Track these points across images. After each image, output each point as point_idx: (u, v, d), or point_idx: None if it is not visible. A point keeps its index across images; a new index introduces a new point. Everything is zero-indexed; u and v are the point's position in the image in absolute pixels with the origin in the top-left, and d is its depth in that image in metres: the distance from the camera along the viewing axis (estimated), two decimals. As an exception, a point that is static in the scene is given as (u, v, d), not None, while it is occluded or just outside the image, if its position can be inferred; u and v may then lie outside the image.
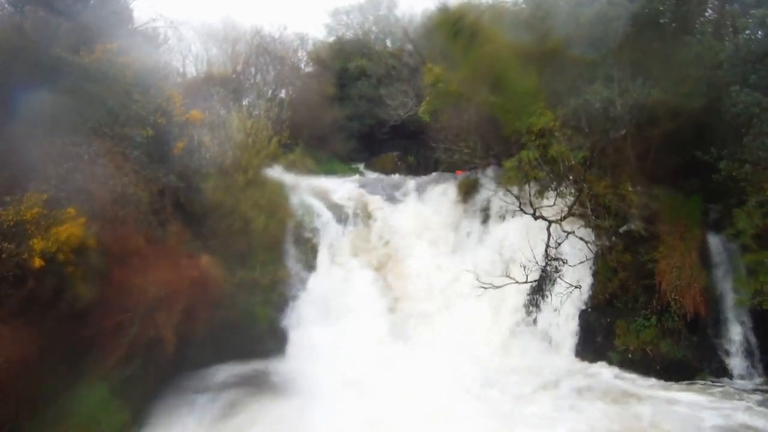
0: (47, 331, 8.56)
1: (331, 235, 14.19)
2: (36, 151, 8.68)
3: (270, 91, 14.44)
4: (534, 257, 11.70)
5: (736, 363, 11.05)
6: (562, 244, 11.97)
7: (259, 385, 10.48)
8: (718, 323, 11.34)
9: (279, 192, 13.47)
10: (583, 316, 12.14)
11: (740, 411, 9.14)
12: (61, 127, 9.10)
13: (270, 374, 10.98)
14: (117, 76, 9.97)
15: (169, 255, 10.39)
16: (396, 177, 17.47)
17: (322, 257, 13.93)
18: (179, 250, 10.63)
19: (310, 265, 13.75)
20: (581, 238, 12.00)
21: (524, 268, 11.67)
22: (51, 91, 9.26)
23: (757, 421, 8.86)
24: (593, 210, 12.10)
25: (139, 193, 10.09)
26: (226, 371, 10.69)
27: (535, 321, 12.66)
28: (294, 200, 13.99)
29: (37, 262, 8.25)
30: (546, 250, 12.19)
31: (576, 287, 11.86)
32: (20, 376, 7.87)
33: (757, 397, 9.72)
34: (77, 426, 8.03)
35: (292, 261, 13.52)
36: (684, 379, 10.57)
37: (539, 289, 12.68)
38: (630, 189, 11.72)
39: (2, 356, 7.60)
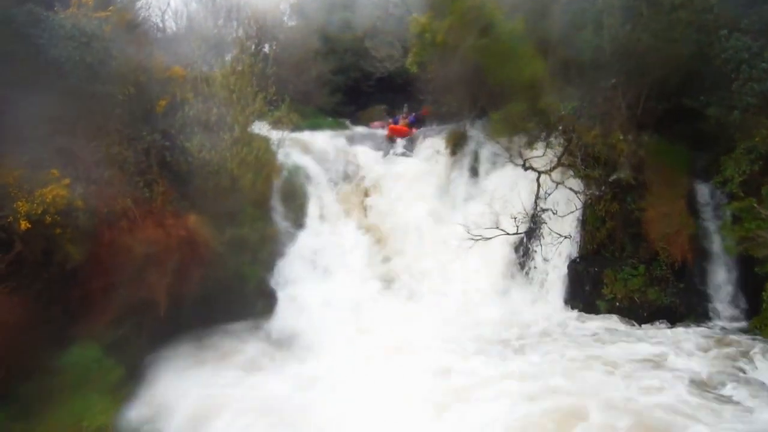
0: (37, 294, 8.56)
1: (319, 191, 14.11)
2: (12, 113, 8.46)
3: (253, 46, 14.07)
4: (523, 208, 11.77)
5: (721, 308, 11.27)
6: (551, 195, 12.01)
7: (252, 342, 10.55)
8: (704, 270, 11.51)
9: (266, 149, 13.26)
10: (572, 266, 12.25)
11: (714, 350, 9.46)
12: (38, 87, 8.85)
13: (261, 332, 11.01)
14: (95, 32, 9.64)
15: (157, 215, 10.30)
16: (383, 131, 17.30)
17: (311, 214, 13.88)
18: (167, 209, 10.52)
19: (298, 222, 13.69)
20: (570, 189, 12.05)
21: (514, 219, 11.74)
22: (25, 48, 8.97)
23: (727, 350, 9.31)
24: (582, 160, 12.09)
25: (123, 153, 9.92)
26: (218, 331, 10.69)
27: (524, 272, 12.78)
28: (281, 157, 13.82)
29: (23, 225, 8.16)
30: (535, 201, 12.24)
31: (565, 237, 11.98)
32: (13, 339, 7.88)
33: (737, 336, 10.00)
34: (71, 385, 8.09)
35: (281, 218, 13.44)
36: (671, 324, 10.77)
37: (529, 240, 12.77)
38: (620, 138, 11.68)
39: (-7, 321, 7.60)
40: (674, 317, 11.04)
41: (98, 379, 8.47)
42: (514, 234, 11.84)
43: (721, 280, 11.39)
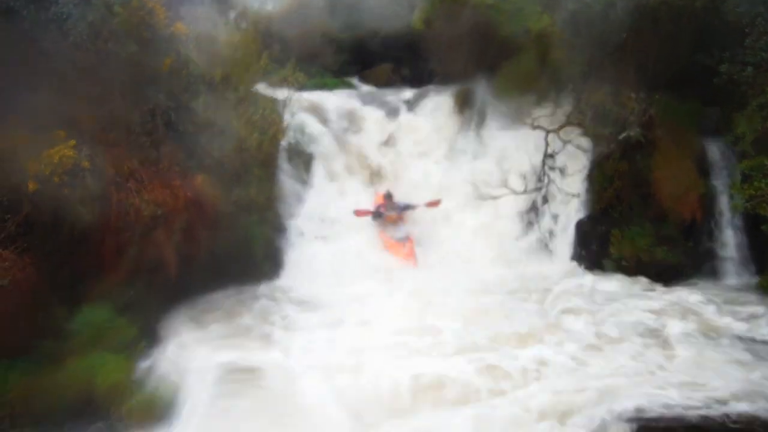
0: (48, 255, 8.63)
1: (325, 151, 14.01)
2: (12, 74, 8.39)
3: (257, 3, 13.82)
4: (531, 167, 11.72)
5: (729, 267, 11.28)
6: (559, 154, 11.95)
7: (261, 305, 10.58)
8: (712, 229, 11.48)
9: (271, 108, 13.16)
10: (580, 225, 12.22)
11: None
12: (39, 45, 8.75)
13: (270, 294, 11.07)
14: (96, -12, 9.47)
15: (164, 176, 10.29)
16: (390, 90, 17.05)
17: (317, 174, 13.81)
18: (173, 170, 10.51)
19: (305, 182, 13.65)
20: (579, 147, 11.96)
21: (522, 178, 11.70)
22: (24, 4, 8.84)
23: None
24: (591, 118, 11.96)
25: (128, 114, 9.85)
26: (228, 293, 10.74)
27: (532, 231, 12.77)
28: (287, 117, 13.70)
29: (32, 186, 8.18)
30: (543, 160, 12.18)
31: (573, 196, 11.93)
32: (26, 298, 8.00)
33: (743, 295, 10.13)
34: (85, 344, 8.18)
35: (287, 178, 13.40)
36: (678, 283, 10.77)
37: (536, 198, 12.73)
38: (630, 95, 11.51)
39: (7, 278, 7.68)
40: (681, 276, 11.04)
41: (111, 338, 8.56)
42: (521, 193, 11.80)
43: (730, 239, 11.37)
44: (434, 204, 12.73)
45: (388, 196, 12.99)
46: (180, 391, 7.39)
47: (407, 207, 12.93)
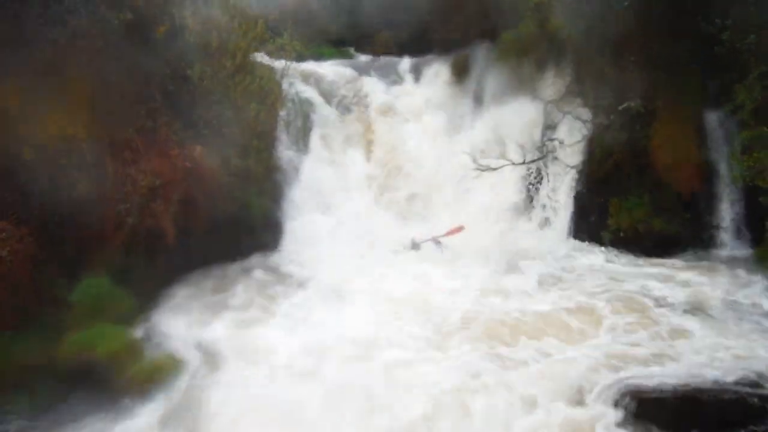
0: (45, 224, 8.59)
1: (323, 121, 13.92)
2: (3, 39, 8.25)
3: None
4: (530, 138, 11.65)
5: (726, 238, 11.29)
6: (558, 124, 11.86)
7: (261, 276, 10.64)
8: (710, 200, 11.44)
9: (269, 78, 13.02)
10: (578, 196, 12.21)
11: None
12: (31, 8, 8.59)
13: (268, 265, 11.10)
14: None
15: (161, 145, 10.20)
16: (388, 58, 16.87)
17: (315, 144, 13.76)
18: (171, 140, 10.41)
19: (303, 153, 13.59)
20: (578, 118, 11.87)
21: (521, 148, 11.63)
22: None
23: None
24: (591, 87, 11.85)
25: (122, 81, 9.72)
26: (227, 265, 10.75)
27: (531, 202, 12.76)
28: (285, 86, 13.58)
29: (27, 153, 8.11)
30: (542, 131, 12.10)
31: (572, 168, 11.89)
32: (26, 269, 8.00)
33: (738, 265, 10.11)
34: (84, 314, 8.22)
35: (285, 149, 13.34)
36: (674, 255, 10.81)
37: (535, 169, 12.68)
38: (631, 64, 11.38)
39: (5, 249, 7.67)
40: (678, 247, 11.07)
41: (110, 308, 8.61)
42: (520, 164, 11.74)
43: (727, 210, 11.35)
44: (454, 231, 12.00)
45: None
46: (178, 360, 7.44)
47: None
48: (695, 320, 8.02)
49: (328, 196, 13.03)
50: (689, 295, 8.89)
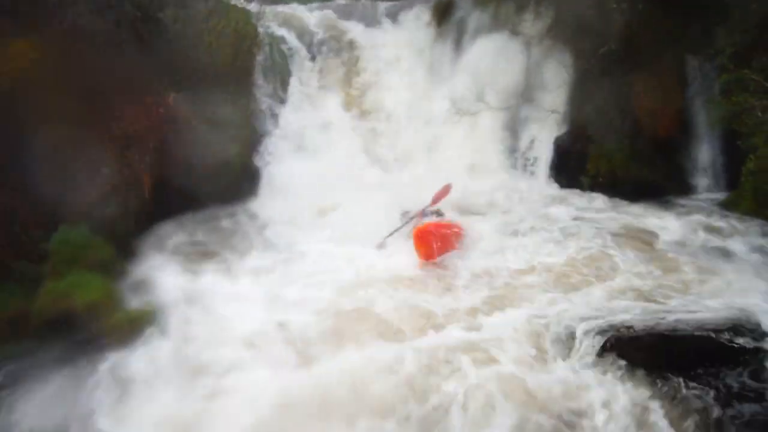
0: (19, 174, 8.42)
1: (302, 66, 13.64)
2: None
3: None
4: (510, 83, 11.54)
5: (703, 182, 11.44)
6: (539, 68, 11.74)
7: (236, 224, 10.63)
8: (688, 145, 11.53)
9: (245, 21, 12.67)
10: (558, 141, 12.22)
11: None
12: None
13: (248, 214, 11.07)
14: None
15: (134, 92, 9.99)
16: (369, 2, 16.43)
17: (294, 90, 13.51)
18: (144, 86, 10.19)
19: (281, 99, 13.36)
20: (559, 62, 11.76)
21: (501, 93, 11.53)
22: None
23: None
24: (573, 31, 11.70)
25: (91, 24, 9.40)
26: (205, 214, 10.66)
27: (510, 147, 12.74)
28: (262, 31, 13.21)
29: (-6, 102, 7.88)
30: (522, 75, 11.98)
31: (552, 113, 11.85)
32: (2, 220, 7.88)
33: (713, 210, 10.32)
34: (63, 263, 8.12)
35: (263, 95, 13.10)
36: (652, 199, 10.93)
37: (515, 115, 12.62)
38: (613, 6, 11.22)
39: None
40: (656, 191, 11.18)
41: (89, 257, 8.49)
42: (499, 108, 11.67)
43: (705, 155, 11.46)
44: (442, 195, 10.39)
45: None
46: (156, 310, 7.44)
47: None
48: (670, 262, 8.18)
49: (306, 143, 12.88)
50: (661, 236, 9.05)
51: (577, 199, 11.26)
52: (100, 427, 5.64)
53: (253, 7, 13.12)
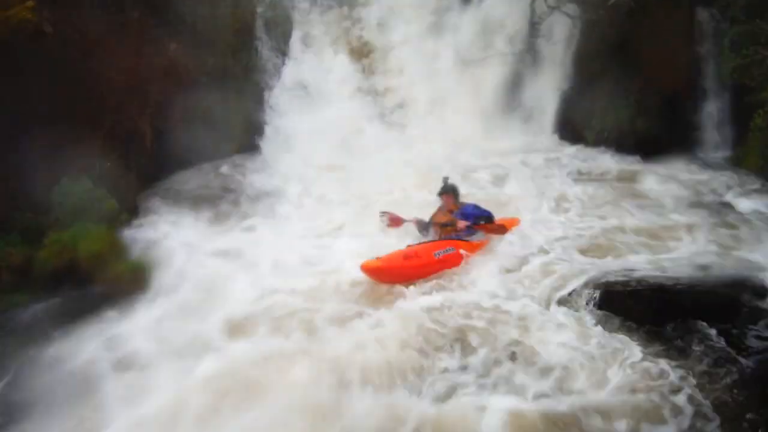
0: (21, 126, 8.36)
1: (304, 19, 13.40)
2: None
3: None
4: (516, 35, 11.32)
5: (709, 138, 11.30)
6: (545, 21, 11.50)
7: (239, 178, 10.60)
8: (696, 100, 11.37)
9: (244, -29, 12.38)
10: (564, 96, 12.05)
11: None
12: None
13: (249, 169, 10.99)
14: None
15: (134, 44, 9.82)
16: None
17: (297, 43, 13.30)
18: (144, 38, 10.01)
19: (283, 53, 13.16)
20: (566, 13, 11.51)
21: (506, 46, 11.32)
22: None
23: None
24: (581, -19, 11.42)
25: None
26: (205, 168, 10.69)
27: (516, 102, 12.57)
28: (263, -19, 12.93)
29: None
30: (529, 27, 11.76)
31: (558, 66, 11.64)
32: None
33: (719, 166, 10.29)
34: (66, 215, 8.15)
35: (265, 48, 12.89)
36: (658, 154, 10.83)
37: (521, 68, 12.42)
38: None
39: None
40: (661, 147, 11.06)
41: (91, 209, 8.51)
42: (505, 54, 11.47)
43: (712, 110, 11.31)
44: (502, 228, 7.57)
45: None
46: (159, 262, 7.49)
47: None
48: (668, 217, 8.16)
49: (309, 97, 12.73)
50: (663, 192, 9.02)
51: (582, 153, 11.13)
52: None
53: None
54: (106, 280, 7.10)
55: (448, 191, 7.40)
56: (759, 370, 4.76)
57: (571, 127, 11.91)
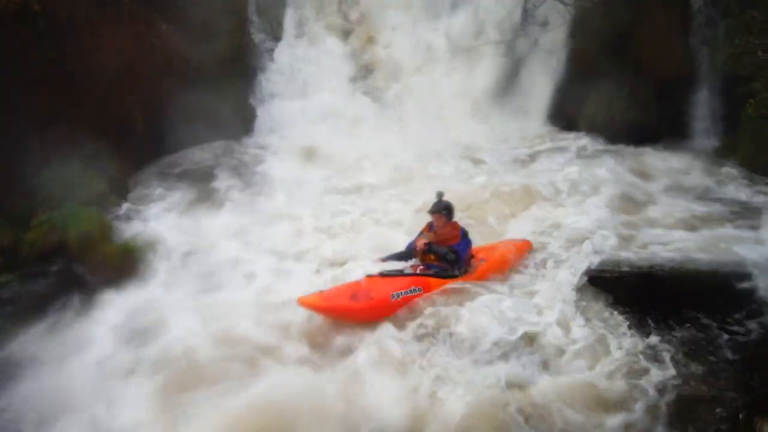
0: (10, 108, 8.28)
1: (298, 2, 13.28)
2: None
3: None
4: (510, 21, 11.27)
5: (701, 127, 11.32)
6: (540, 7, 11.45)
7: (229, 162, 10.54)
8: (689, 89, 11.37)
9: (236, -50, 12.22)
10: (557, 83, 12.03)
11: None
12: None
13: (238, 152, 10.97)
14: None
15: (125, 24, 9.71)
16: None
17: (289, 26, 13.20)
18: (134, 19, 9.90)
19: (275, 35, 13.07)
20: (561, 1, 11.48)
21: (500, 32, 11.27)
22: None
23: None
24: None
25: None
26: (197, 151, 10.63)
27: (508, 87, 12.52)
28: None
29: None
30: (522, 13, 11.72)
31: (552, 53, 11.61)
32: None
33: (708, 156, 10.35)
34: (56, 197, 8.05)
35: (257, 31, 12.81)
36: (649, 143, 10.86)
37: (514, 55, 12.37)
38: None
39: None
40: (653, 135, 11.09)
41: (82, 190, 8.45)
42: (498, 42, 11.43)
43: (704, 100, 11.32)
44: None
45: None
46: (148, 245, 7.49)
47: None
48: (661, 204, 8.21)
49: (301, 80, 12.66)
50: (655, 179, 9.07)
51: (574, 141, 11.15)
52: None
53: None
54: (95, 262, 7.06)
55: (440, 210, 6.32)
56: (739, 353, 4.91)
57: (564, 115, 11.90)
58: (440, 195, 6.42)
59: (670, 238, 7.12)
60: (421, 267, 6.20)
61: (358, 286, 5.75)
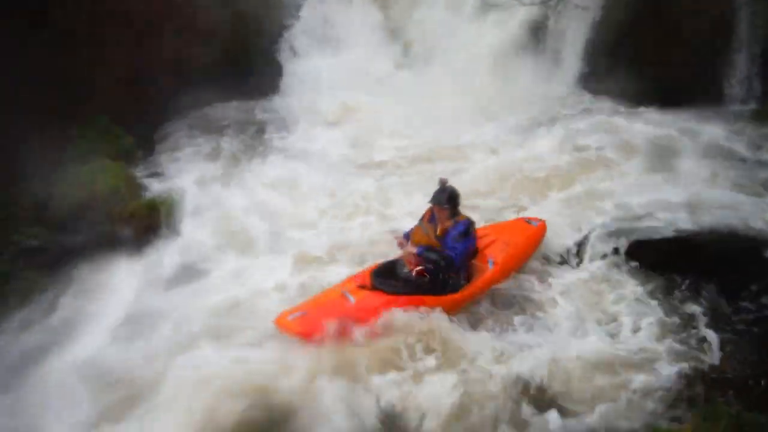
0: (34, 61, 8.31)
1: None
2: None
3: None
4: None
5: (738, 91, 10.94)
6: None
7: (256, 121, 10.57)
8: (728, 52, 10.95)
9: None
10: (589, 44, 11.69)
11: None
12: None
13: (267, 109, 10.99)
14: None
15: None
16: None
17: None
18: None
19: (303, -8, 12.89)
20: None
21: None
22: None
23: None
24: None
25: None
26: (223, 108, 10.69)
27: (539, 48, 12.21)
28: None
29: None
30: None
31: (584, 10, 11.23)
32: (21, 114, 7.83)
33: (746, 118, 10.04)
34: (85, 152, 8.19)
35: (283, -14, 12.64)
36: (683, 106, 10.55)
37: (545, 12, 12.00)
38: None
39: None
40: (687, 99, 10.74)
41: (109, 146, 8.63)
42: (528, 4, 11.14)
43: (743, 63, 10.89)
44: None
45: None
46: (175, 199, 7.55)
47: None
48: (693, 170, 8.04)
49: (330, 38, 12.52)
50: (687, 144, 8.90)
51: (607, 105, 10.89)
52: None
53: None
54: (122, 216, 7.15)
55: (441, 202, 5.45)
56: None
57: (594, 77, 11.59)
58: (443, 182, 5.59)
59: (703, 199, 6.98)
60: (416, 252, 5.41)
61: (345, 304, 5.11)
